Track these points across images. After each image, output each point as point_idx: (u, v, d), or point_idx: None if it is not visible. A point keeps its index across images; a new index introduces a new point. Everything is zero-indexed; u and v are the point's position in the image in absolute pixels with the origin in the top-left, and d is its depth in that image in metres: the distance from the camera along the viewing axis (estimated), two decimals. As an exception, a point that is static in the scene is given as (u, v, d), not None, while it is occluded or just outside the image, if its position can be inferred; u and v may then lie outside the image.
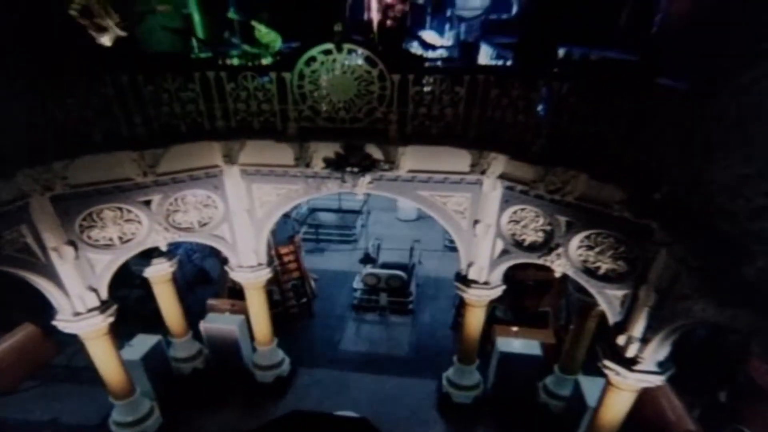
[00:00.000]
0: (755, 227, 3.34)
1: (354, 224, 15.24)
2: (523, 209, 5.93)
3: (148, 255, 7.57)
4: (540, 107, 5.20)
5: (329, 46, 5.25)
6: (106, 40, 5.70)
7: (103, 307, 6.47)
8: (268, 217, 7.09)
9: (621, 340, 5.21)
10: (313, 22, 5.80)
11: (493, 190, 6.09)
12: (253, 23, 6.74)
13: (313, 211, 15.87)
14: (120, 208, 6.11)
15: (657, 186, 4.13)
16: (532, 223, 5.93)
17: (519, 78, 5.12)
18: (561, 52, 7.51)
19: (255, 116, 5.84)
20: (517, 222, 6.08)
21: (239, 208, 6.90)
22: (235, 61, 6.74)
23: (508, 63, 8.49)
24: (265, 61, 6.80)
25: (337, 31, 5.16)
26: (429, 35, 9.21)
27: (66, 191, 5.53)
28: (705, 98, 3.62)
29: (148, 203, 6.23)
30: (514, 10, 13.44)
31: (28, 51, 5.19)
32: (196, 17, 6.93)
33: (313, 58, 5.36)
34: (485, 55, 9.08)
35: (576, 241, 5.48)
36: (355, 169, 6.00)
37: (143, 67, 5.24)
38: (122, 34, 5.79)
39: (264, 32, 6.75)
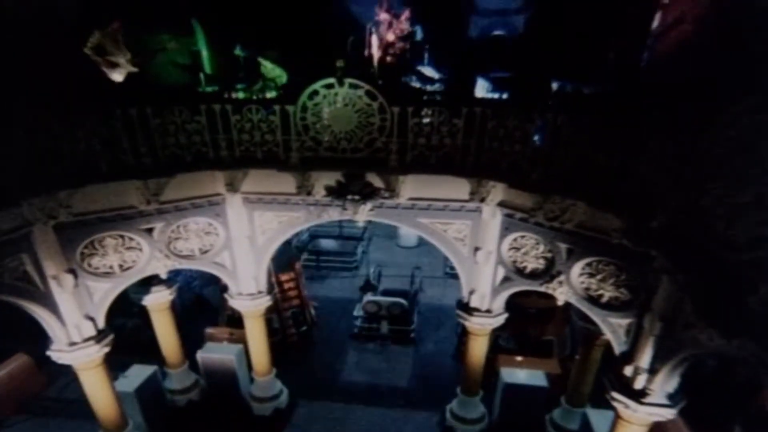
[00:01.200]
0: (755, 256, 3.30)
1: (355, 251, 15.14)
2: (523, 236, 5.88)
3: (148, 283, 7.46)
4: (536, 137, 5.26)
5: (331, 80, 5.38)
6: (117, 76, 5.85)
7: (99, 336, 6.31)
8: (269, 244, 7.04)
9: (628, 370, 5.04)
10: (317, 58, 5.97)
11: (492, 217, 6.07)
12: (260, 59, 6.96)
13: (314, 237, 15.81)
14: (122, 236, 6.07)
15: (654, 214, 4.11)
16: (532, 251, 5.86)
17: (514, 110, 5.21)
18: (554, 86, 7.69)
19: (258, 146, 5.91)
20: (518, 249, 6.02)
21: (240, 235, 6.86)
22: (241, 95, 6.91)
23: (504, 96, 8.70)
24: (270, 95, 6.97)
25: (339, 67, 5.30)
26: (427, 70, 9.48)
27: (69, 219, 5.51)
28: (695, 131, 3.67)
29: (150, 231, 6.20)
30: (509, 46, 13.94)
31: (41, 85, 5.32)
32: (205, 53, 7.18)
33: (315, 92, 5.49)
34: (482, 88, 9.32)
35: (577, 268, 5.40)
36: (356, 197, 6.02)
37: (152, 101, 5.35)
38: (133, 70, 5.94)
39: (269, 68, 6.97)
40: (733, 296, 3.47)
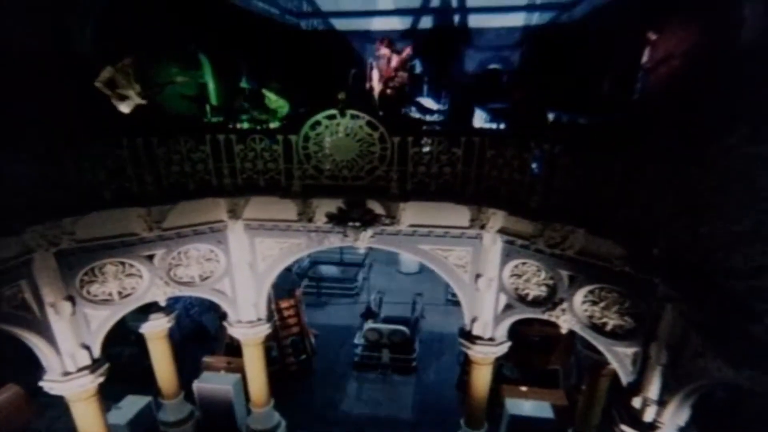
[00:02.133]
0: (758, 284, 3.24)
1: (355, 277, 14.97)
2: (524, 263, 5.80)
3: (146, 310, 7.32)
4: (534, 165, 5.28)
5: (333, 111, 5.48)
6: (125, 108, 5.97)
7: (94, 366, 6.12)
8: (269, 270, 6.96)
9: (636, 402, 4.83)
10: (319, 90, 6.11)
11: (493, 244, 6.01)
12: (264, 91, 7.13)
13: (314, 263, 15.67)
14: (123, 263, 6.02)
15: (655, 241, 4.06)
16: (534, 277, 5.77)
17: (512, 140, 5.27)
18: (550, 116, 7.82)
19: (261, 174, 5.95)
20: (519, 276, 5.93)
21: (241, 262, 6.80)
22: (245, 125, 7.03)
23: (501, 126, 8.83)
24: (273, 125, 7.09)
25: (340, 99, 5.40)
26: (426, 100, 9.68)
27: (71, 246, 5.47)
28: (689, 161, 3.69)
29: (151, 257, 6.15)
30: (505, 78, 14.33)
31: (52, 115, 5.42)
32: (211, 85, 7.36)
33: (318, 122, 5.58)
34: (480, 118, 9.48)
35: (580, 295, 5.29)
36: (357, 224, 6.00)
37: (158, 131, 5.44)
38: (142, 102, 6.07)
39: (273, 99, 7.13)
40: (738, 325, 3.38)
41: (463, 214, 5.92)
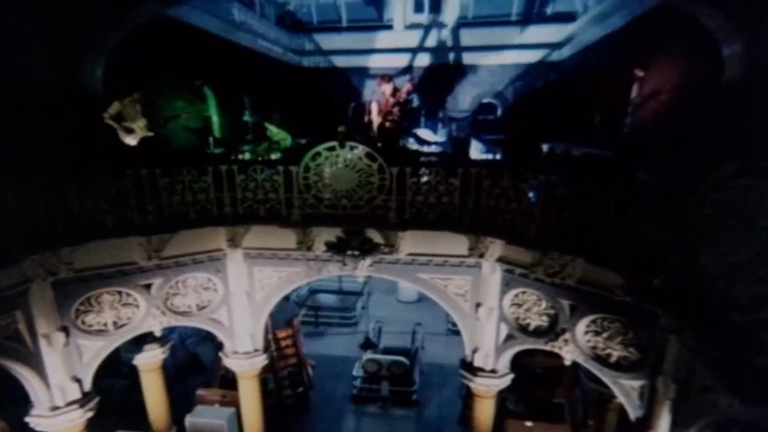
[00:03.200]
0: (760, 316, 3.14)
1: (354, 306, 14.65)
2: (524, 292, 5.68)
3: (140, 341, 7.08)
4: (531, 194, 5.28)
5: (333, 143, 5.54)
6: (131, 140, 6.03)
7: (84, 399, 5.84)
8: (267, 299, 6.81)
9: (645, 439, 4.57)
10: (320, 122, 6.22)
11: (492, 273, 5.91)
12: (266, 124, 7.26)
13: (313, 292, 15.39)
14: (120, 292, 5.88)
15: (654, 271, 3.98)
16: (534, 307, 5.63)
17: (508, 171, 5.30)
18: (545, 147, 7.94)
19: (261, 204, 5.93)
20: (520, 305, 5.78)
21: (239, 291, 6.66)
22: (247, 156, 7.10)
23: (497, 156, 8.95)
24: (274, 156, 7.17)
25: (340, 131, 5.49)
26: (424, 132, 9.85)
27: (69, 275, 5.36)
28: (682, 193, 3.68)
29: (148, 287, 6.03)
30: (499, 112, 14.71)
31: (58, 147, 5.46)
32: (215, 119, 7.51)
33: (318, 154, 5.64)
34: (476, 149, 9.62)
35: (582, 325, 5.14)
36: (356, 253, 5.92)
37: (162, 162, 5.47)
38: (148, 134, 6.14)
39: (275, 132, 7.25)
40: (745, 358, 3.25)
41: (461, 242, 5.86)
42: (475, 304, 6.18)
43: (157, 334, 6.56)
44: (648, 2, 7.52)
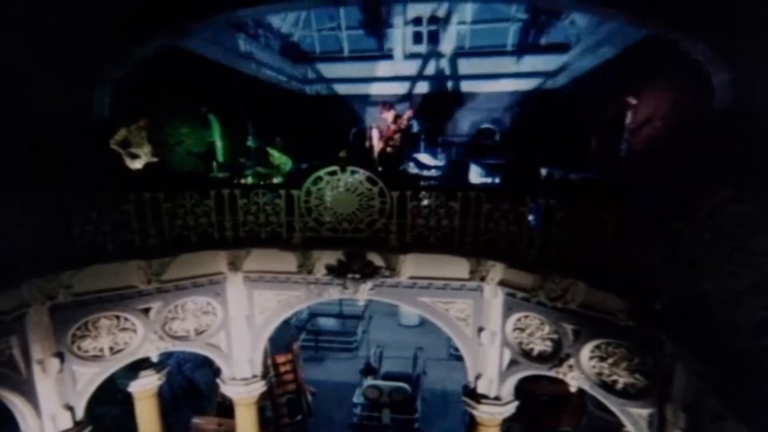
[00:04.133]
0: (765, 343, 3.05)
1: (355, 330, 14.36)
2: (526, 316, 5.56)
3: (136, 367, 6.88)
4: (531, 217, 5.27)
5: (335, 168, 5.59)
6: (136, 165, 6.08)
7: (76, 428, 5.61)
8: (267, 323, 6.68)
9: (657, 472, 4.35)
10: (322, 147, 6.30)
11: (494, 296, 5.81)
12: (268, 149, 7.35)
13: (313, 316, 15.12)
14: (118, 316, 5.77)
15: (656, 296, 3.91)
16: (537, 331, 5.50)
17: (507, 194, 5.31)
18: (543, 172, 8.00)
19: (262, 227, 5.92)
20: (522, 330, 5.65)
21: (239, 315, 6.53)
22: (249, 180, 7.15)
23: (496, 180, 9.01)
24: (276, 180, 7.21)
25: (342, 156, 5.55)
26: (424, 157, 9.96)
27: (68, 300, 5.27)
28: (679, 218, 3.67)
29: (147, 311, 5.92)
30: (497, 137, 14.94)
31: (63, 172, 5.50)
32: (219, 143, 7.61)
33: (320, 178, 5.67)
34: (475, 173, 9.69)
35: (586, 351, 5.00)
36: (357, 276, 5.85)
37: (166, 186, 5.50)
38: (153, 160, 6.19)
39: (277, 156, 7.33)
40: (754, 386, 3.14)
41: (462, 266, 5.79)
42: (478, 329, 6.04)
43: (154, 359, 6.39)
44: (636, 35, 7.76)
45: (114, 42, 6.42)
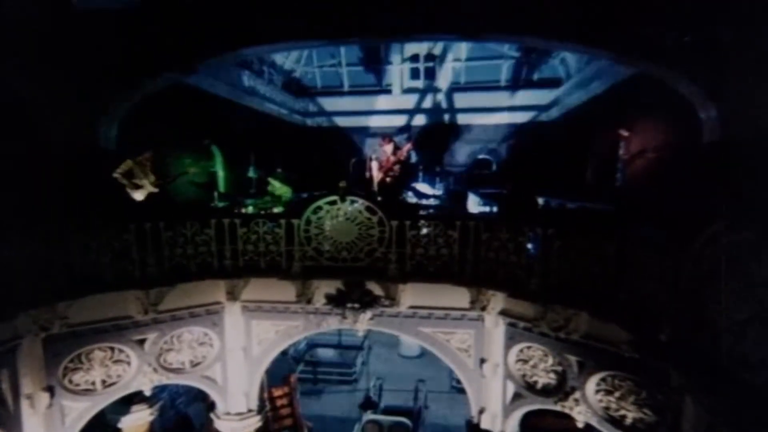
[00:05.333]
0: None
1: (354, 362, 13.90)
2: (529, 347, 5.40)
3: (128, 401, 6.59)
4: (530, 246, 5.23)
5: (334, 197, 5.61)
6: (139, 196, 6.10)
7: (62, 468, 5.30)
8: (264, 355, 6.48)
9: None
10: (322, 178, 6.36)
11: (496, 326, 5.67)
12: (269, 179, 7.43)
13: (311, 347, 14.69)
14: (112, 348, 5.59)
15: (660, 326, 3.81)
16: (541, 363, 5.32)
17: (505, 224, 5.30)
18: (541, 201, 8.04)
19: (262, 256, 5.87)
20: (526, 361, 5.47)
21: (236, 346, 6.34)
22: (250, 209, 7.17)
23: (494, 209, 9.04)
24: (277, 209, 7.24)
25: (341, 186, 5.59)
26: (422, 186, 10.04)
27: (62, 331, 5.12)
28: (678, 248, 3.64)
29: (142, 342, 5.74)
30: (494, 167, 15.16)
31: (66, 203, 5.52)
32: (221, 174, 7.69)
33: (320, 207, 5.69)
34: (473, 203, 9.74)
35: (592, 384, 4.81)
36: (356, 305, 5.73)
37: (167, 215, 5.50)
38: (155, 190, 6.22)
39: (278, 186, 7.40)
40: (764, 420, 3.00)
41: (462, 295, 5.69)
42: (480, 360, 5.85)
43: (147, 393, 6.14)
44: (625, 71, 8.04)
45: (122, 79, 6.63)
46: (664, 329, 3.75)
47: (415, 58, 14.75)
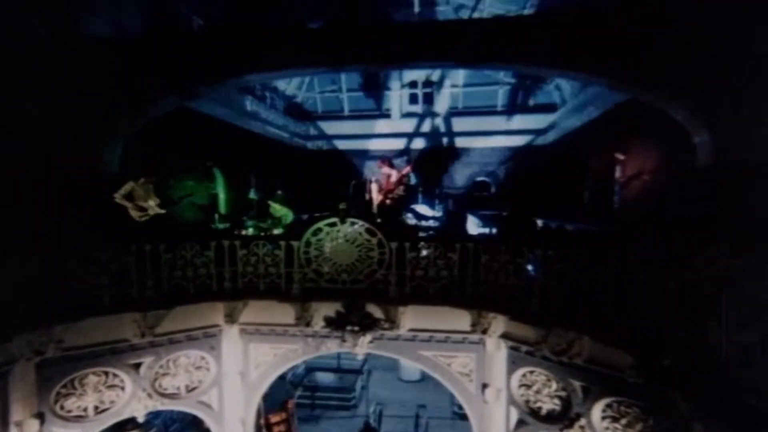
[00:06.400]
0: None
1: (353, 386, 13.49)
2: (532, 372, 5.26)
3: (120, 428, 6.34)
4: (530, 267, 5.19)
5: (334, 219, 5.61)
6: (140, 217, 6.09)
7: (48, 502, 5.04)
8: (262, 379, 6.30)
9: None
10: (322, 200, 6.37)
11: (497, 350, 5.55)
12: (270, 202, 7.46)
13: (310, 371, 14.31)
14: (106, 372, 5.43)
15: (663, 350, 3.72)
16: (545, 388, 5.16)
17: (505, 246, 5.28)
18: (539, 222, 8.04)
19: (261, 278, 5.81)
20: (529, 386, 5.31)
21: (233, 370, 6.18)
22: (251, 231, 7.16)
23: (493, 230, 9.02)
24: (277, 231, 7.22)
25: (341, 209, 5.60)
26: (422, 207, 10.06)
27: (56, 355, 4.99)
28: (678, 269, 3.61)
29: (137, 366, 5.59)
30: (492, 189, 15.26)
31: (69, 225, 5.51)
32: (222, 196, 7.73)
33: (319, 229, 5.67)
34: (472, 224, 9.74)
35: (597, 410, 4.65)
36: (356, 328, 5.62)
37: (167, 237, 5.47)
38: (159, 212, 6.22)
39: (278, 208, 7.42)
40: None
41: (463, 318, 5.60)
42: (482, 385, 5.69)
43: (140, 419, 5.90)
44: (617, 98, 8.22)
45: (128, 104, 6.75)
46: (668, 353, 3.66)
47: (413, 84, 15.13)
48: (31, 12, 6.15)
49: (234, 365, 6.19)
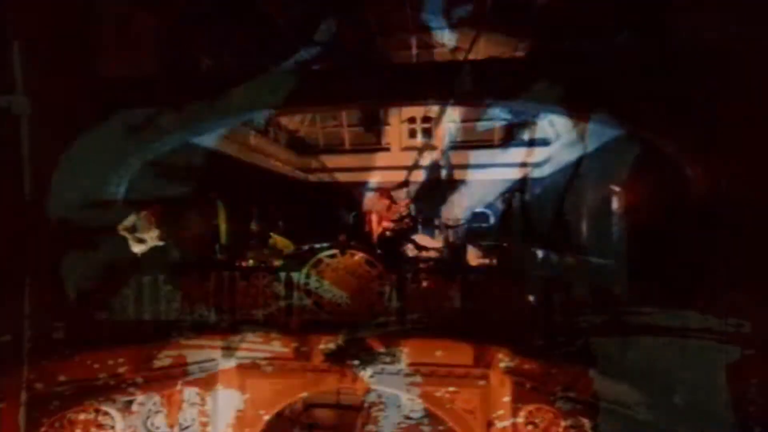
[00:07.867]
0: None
1: (354, 423, 12.83)
2: (538, 408, 5.03)
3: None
4: (532, 299, 5.11)
5: (335, 251, 5.60)
6: (140, 250, 6.04)
7: None
8: (258, 417, 6.02)
9: None
10: (322, 231, 6.38)
11: (502, 385, 5.34)
12: (270, 233, 7.48)
13: (309, 407, 13.67)
14: (97, 410, 5.18)
15: (673, 386, 3.59)
16: (552, 426, 4.92)
17: (507, 277, 5.23)
18: (540, 254, 8.00)
19: (260, 310, 5.70)
20: (536, 425, 5.06)
21: (227, 408, 5.93)
22: (251, 262, 7.12)
23: (493, 261, 8.96)
24: (277, 263, 7.17)
25: (341, 240, 5.62)
26: (422, 238, 10.04)
27: (46, 391, 4.78)
28: (680, 304, 3.57)
29: (130, 403, 5.35)
30: (492, 220, 15.32)
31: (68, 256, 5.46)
32: (223, 227, 7.74)
33: (320, 261, 5.64)
34: (473, 255, 9.67)
35: (608, 450, 4.41)
36: (356, 362, 5.45)
37: (168, 269, 5.43)
38: (159, 244, 6.19)
39: (279, 240, 7.41)
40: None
41: (466, 352, 5.44)
42: (487, 423, 5.43)
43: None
44: (610, 133, 8.41)
45: (133, 141, 6.86)
46: (677, 389, 3.54)
47: (412, 120, 15.64)
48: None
49: (230, 402, 5.94)
